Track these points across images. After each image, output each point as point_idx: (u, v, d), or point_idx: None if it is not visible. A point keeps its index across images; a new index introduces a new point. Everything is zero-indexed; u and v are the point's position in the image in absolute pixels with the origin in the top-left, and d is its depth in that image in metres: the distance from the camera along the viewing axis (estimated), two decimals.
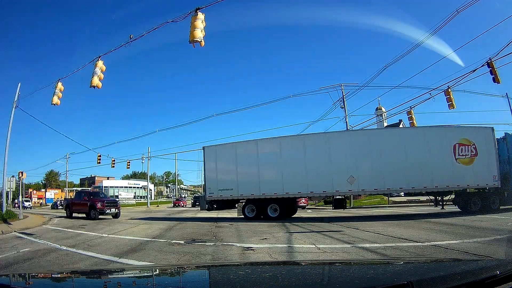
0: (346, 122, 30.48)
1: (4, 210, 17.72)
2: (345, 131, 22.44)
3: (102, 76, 12.64)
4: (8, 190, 20.74)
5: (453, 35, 47.28)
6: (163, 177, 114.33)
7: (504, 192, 15.04)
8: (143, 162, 47.33)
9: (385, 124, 51.37)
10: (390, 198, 31.70)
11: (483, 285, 1.33)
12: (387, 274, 1.94)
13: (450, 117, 74.49)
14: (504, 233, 8.23)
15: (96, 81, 12.37)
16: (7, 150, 19.19)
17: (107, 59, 12.97)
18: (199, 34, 9.68)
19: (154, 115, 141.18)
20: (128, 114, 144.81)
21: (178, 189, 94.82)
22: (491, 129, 14.39)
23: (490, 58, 14.28)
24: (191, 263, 5.76)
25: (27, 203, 53.12)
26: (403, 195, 40.96)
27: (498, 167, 13.92)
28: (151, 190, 72.57)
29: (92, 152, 46.66)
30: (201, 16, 9.82)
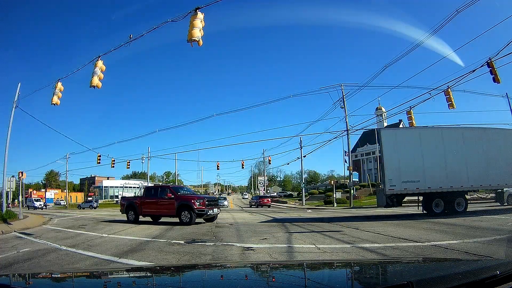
0: (346, 122, 30.55)
1: (4, 210, 17.73)
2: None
3: (102, 76, 12.65)
4: (8, 190, 20.71)
5: (453, 35, 47.42)
6: (163, 177, 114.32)
7: None
8: (143, 162, 47.34)
9: (385, 124, 51.42)
10: None
11: (483, 285, 1.33)
12: (387, 274, 1.94)
13: (450, 117, 74.65)
14: (504, 233, 8.23)
15: (96, 81, 12.38)
16: (7, 150, 19.24)
17: (107, 59, 12.99)
18: (197, 33, 9.68)
19: (154, 115, 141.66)
20: (128, 114, 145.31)
21: None
22: None
23: (490, 58, 14.30)
24: (191, 263, 5.76)
25: (37, 203, 49.00)
26: None
27: None
28: None
29: (92, 152, 46.61)
30: (200, 15, 9.83)
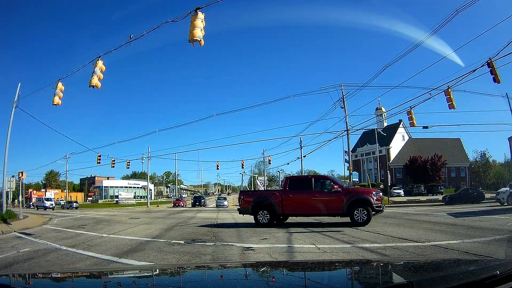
0: (346, 122, 30.49)
1: (4, 210, 17.73)
2: None
3: (101, 76, 12.65)
4: (8, 190, 20.73)
5: (453, 35, 47.40)
6: (163, 177, 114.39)
7: None
8: (143, 162, 47.31)
9: (385, 124, 51.40)
10: (390, 198, 31.70)
11: (483, 285, 1.33)
12: (387, 274, 1.94)
13: (450, 117, 74.68)
14: (504, 233, 8.23)
15: (95, 81, 12.38)
16: (7, 150, 19.25)
17: (107, 59, 12.99)
18: (199, 33, 9.68)
19: (154, 115, 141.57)
20: (128, 114, 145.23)
21: (178, 189, 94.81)
22: None
23: (490, 58, 14.30)
24: (191, 263, 5.76)
25: (48, 203, 42.76)
26: (403, 195, 41.06)
27: None
28: (151, 190, 72.58)
29: (92, 152, 46.43)
30: (201, 15, 9.82)
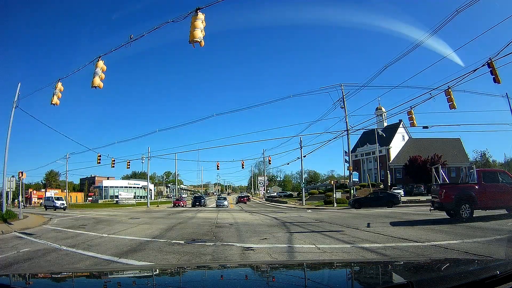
0: (346, 122, 30.53)
1: (4, 210, 17.72)
2: None
3: (103, 76, 12.64)
4: (8, 190, 20.73)
5: (453, 35, 47.20)
6: (163, 177, 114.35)
7: None
8: (143, 162, 47.18)
9: (385, 124, 51.41)
10: None
11: (483, 285, 1.33)
12: (387, 274, 1.94)
13: (450, 117, 74.68)
14: (504, 233, 8.24)
15: (97, 82, 12.37)
16: (7, 150, 19.24)
17: (107, 59, 12.97)
18: (199, 34, 9.68)
19: (154, 115, 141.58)
20: (128, 114, 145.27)
21: (178, 189, 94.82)
22: None
23: (490, 58, 14.29)
24: (191, 263, 5.76)
25: (59, 202, 38.51)
26: (403, 195, 41.06)
27: None
28: (151, 190, 72.55)
29: (92, 152, 46.44)
30: (201, 16, 9.82)
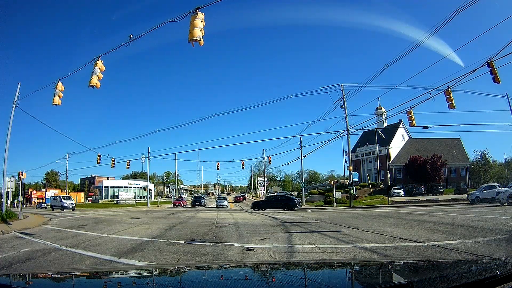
0: (346, 122, 30.54)
1: (4, 210, 17.71)
2: None
3: (101, 76, 12.65)
4: (8, 190, 20.72)
5: (453, 35, 47.37)
6: (163, 177, 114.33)
7: None
8: (143, 162, 47.27)
9: (385, 124, 51.38)
10: (390, 198, 31.73)
11: (483, 285, 1.33)
12: (387, 274, 1.94)
13: (450, 117, 74.69)
14: (504, 233, 8.23)
15: (95, 81, 12.37)
16: (7, 150, 19.25)
17: (107, 59, 13.00)
18: (198, 33, 9.69)
19: (154, 115, 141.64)
20: (128, 114, 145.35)
21: (178, 189, 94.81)
22: None
23: (490, 58, 14.30)
24: (191, 263, 5.76)
25: (67, 202, 37.38)
26: (403, 195, 41.07)
27: None
28: (151, 190, 72.55)
29: (92, 152, 46.42)
30: (200, 15, 9.83)
